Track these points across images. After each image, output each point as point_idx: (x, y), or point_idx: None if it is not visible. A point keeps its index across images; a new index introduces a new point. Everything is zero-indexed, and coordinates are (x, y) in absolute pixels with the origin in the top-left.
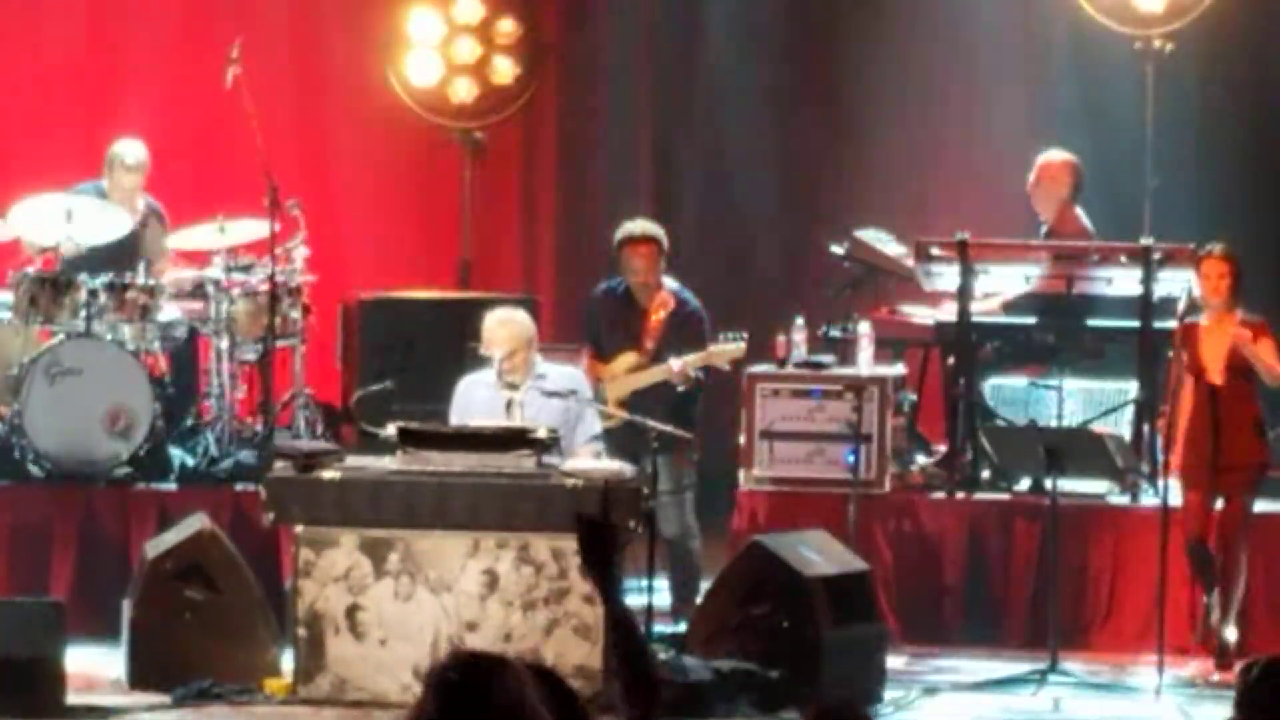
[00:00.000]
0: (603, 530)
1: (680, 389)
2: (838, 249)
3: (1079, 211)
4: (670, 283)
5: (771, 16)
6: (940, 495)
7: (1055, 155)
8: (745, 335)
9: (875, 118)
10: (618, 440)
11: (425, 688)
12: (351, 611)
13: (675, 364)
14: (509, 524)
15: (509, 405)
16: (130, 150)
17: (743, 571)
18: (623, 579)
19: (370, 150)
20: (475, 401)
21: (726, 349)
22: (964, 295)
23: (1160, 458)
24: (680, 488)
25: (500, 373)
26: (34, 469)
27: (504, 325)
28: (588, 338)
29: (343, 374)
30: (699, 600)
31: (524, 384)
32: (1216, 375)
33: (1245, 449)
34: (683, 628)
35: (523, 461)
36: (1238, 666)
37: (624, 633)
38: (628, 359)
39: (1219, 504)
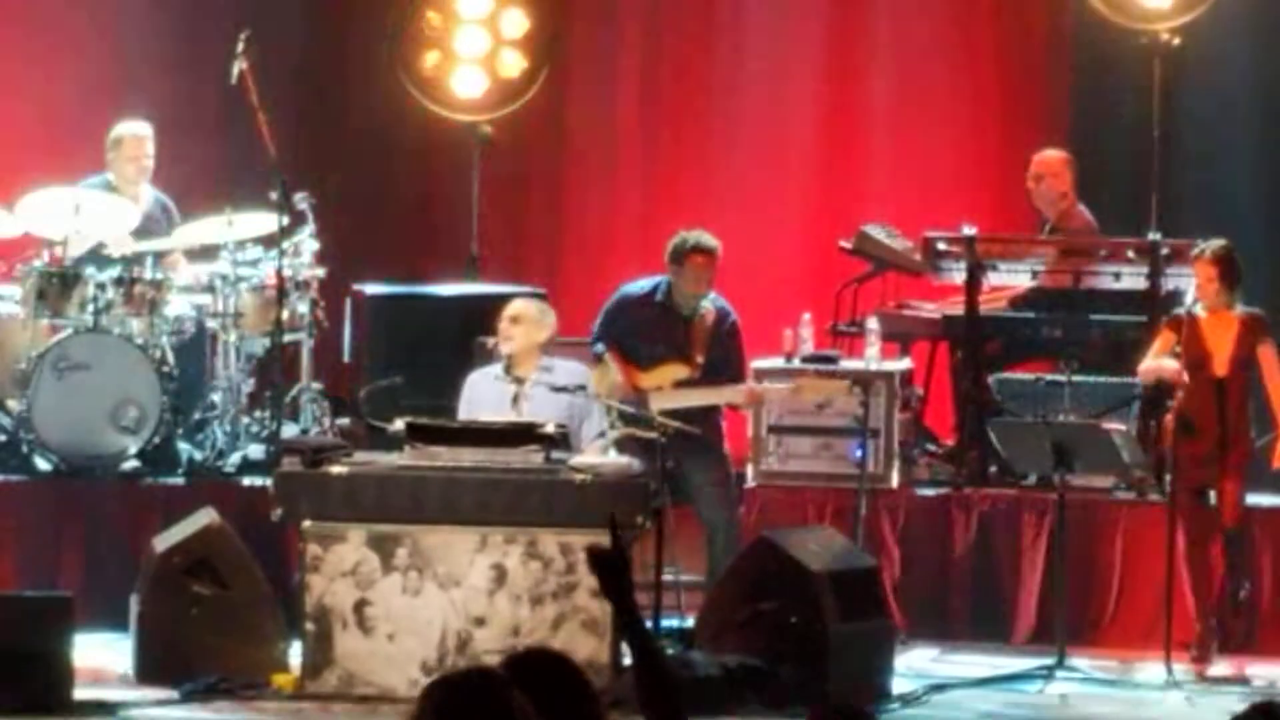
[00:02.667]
0: (617, 562)
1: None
2: (846, 244)
3: (1082, 207)
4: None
5: (778, 9)
6: (948, 490)
7: (1051, 153)
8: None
9: (883, 112)
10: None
11: (416, 706)
12: (359, 606)
13: (754, 388)
14: (517, 519)
15: (515, 399)
16: (139, 126)
17: (750, 567)
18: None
19: (378, 144)
20: (482, 396)
21: (827, 385)
22: (971, 290)
23: (1168, 453)
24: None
25: (508, 365)
26: (42, 463)
27: (520, 317)
28: (608, 335)
29: (351, 368)
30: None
31: (530, 378)
32: (1222, 368)
33: (1247, 439)
34: (690, 623)
35: (531, 456)
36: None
37: (649, 665)
38: (674, 370)
39: (1220, 497)
